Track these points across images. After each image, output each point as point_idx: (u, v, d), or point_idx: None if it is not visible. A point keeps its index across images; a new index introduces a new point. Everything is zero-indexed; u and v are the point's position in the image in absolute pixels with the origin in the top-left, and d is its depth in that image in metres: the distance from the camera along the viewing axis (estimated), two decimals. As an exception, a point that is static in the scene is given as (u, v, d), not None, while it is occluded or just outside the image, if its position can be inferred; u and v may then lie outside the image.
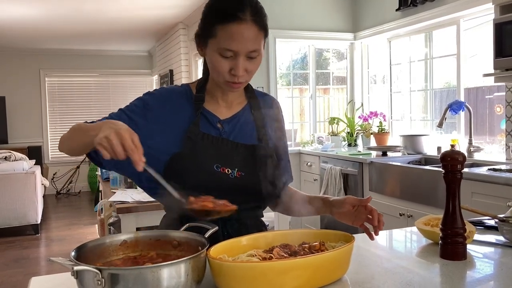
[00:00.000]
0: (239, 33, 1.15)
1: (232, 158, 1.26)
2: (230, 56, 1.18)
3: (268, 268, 0.94)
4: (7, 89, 7.98)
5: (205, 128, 1.28)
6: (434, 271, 1.14)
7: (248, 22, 1.16)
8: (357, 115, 4.91)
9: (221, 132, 1.29)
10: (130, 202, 2.53)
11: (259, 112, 1.35)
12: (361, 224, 1.26)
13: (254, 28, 1.17)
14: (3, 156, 5.74)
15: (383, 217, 1.24)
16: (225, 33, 1.16)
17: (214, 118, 1.30)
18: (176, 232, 1.09)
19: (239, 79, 1.20)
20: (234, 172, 1.25)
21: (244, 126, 1.32)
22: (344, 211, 1.27)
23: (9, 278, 3.95)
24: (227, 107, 1.33)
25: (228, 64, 1.19)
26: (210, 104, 1.31)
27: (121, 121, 1.12)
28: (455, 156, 1.15)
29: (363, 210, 1.25)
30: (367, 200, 1.24)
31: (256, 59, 1.21)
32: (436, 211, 2.84)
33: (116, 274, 0.84)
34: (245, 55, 1.18)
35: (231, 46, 1.16)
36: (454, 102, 3.48)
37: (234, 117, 1.32)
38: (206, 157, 1.24)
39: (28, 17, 5.69)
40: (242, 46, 1.16)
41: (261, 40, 1.21)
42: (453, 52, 3.95)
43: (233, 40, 1.15)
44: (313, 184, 4.43)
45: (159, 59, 7.67)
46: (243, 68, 1.19)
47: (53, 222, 6.16)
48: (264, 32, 1.21)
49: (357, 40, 5.02)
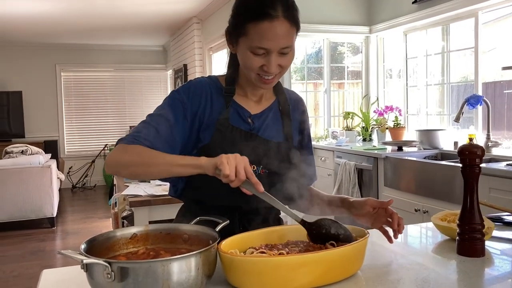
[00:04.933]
0: (271, 31, 1.13)
1: (259, 154, 1.24)
2: (263, 53, 1.16)
3: (280, 263, 0.92)
4: (24, 83, 8.08)
5: (236, 121, 1.26)
6: (451, 267, 1.11)
7: (280, 18, 1.13)
8: (372, 109, 4.85)
9: (252, 127, 1.28)
10: (143, 195, 2.54)
11: (287, 109, 1.34)
12: (380, 226, 1.23)
13: (286, 24, 1.14)
14: (20, 150, 5.81)
15: (399, 214, 1.21)
16: (257, 32, 1.13)
17: (246, 112, 1.29)
18: (186, 226, 1.08)
19: (271, 75, 1.19)
20: (259, 169, 1.24)
21: (272, 122, 1.31)
22: (364, 213, 1.25)
23: (25, 270, 4.00)
24: (257, 102, 1.31)
25: (260, 61, 1.17)
26: (240, 98, 1.30)
27: (164, 128, 1.17)
28: (474, 149, 1.12)
29: (383, 213, 1.22)
30: (389, 203, 1.22)
31: (288, 55, 1.19)
32: (452, 206, 2.79)
33: (126, 268, 0.84)
34: (277, 51, 1.16)
35: (263, 44, 1.14)
36: (472, 96, 3.41)
37: (263, 113, 1.31)
38: (234, 151, 1.22)
39: (44, 12, 5.73)
40: (275, 44, 1.14)
41: (294, 36, 1.18)
42: (470, 45, 3.88)
43: (266, 38, 1.13)
44: (327, 179, 4.39)
45: (173, 53, 7.68)
46: (275, 64, 1.17)
47: (68, 215, 6.23)
48: (296, 27, 1.18)
49: (372, 34, 4.95)
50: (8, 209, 5.22)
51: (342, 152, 4.16)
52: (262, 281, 0.92)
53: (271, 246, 1.03)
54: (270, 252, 0.99)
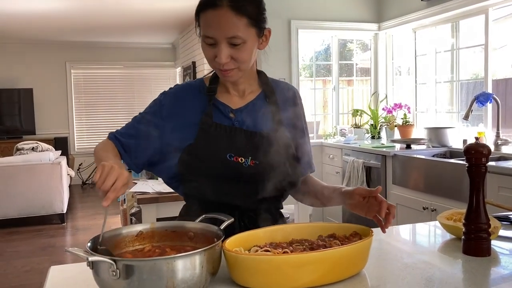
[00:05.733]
0: (214, 20, 1.16)
1: (245, 147, 1.25)
2: (212, 43, 1.18)
3: (284, 261, 0.93)
4: (35, 81, 8.15)
5: (218, 118, 1.28)
6: (457, 267, 1.11)
7: (224, 7, 1.15)
8: (381, 107, 4.83)
9: (233, 121, 1.29)
10: (151, 193, 2.55)
11: (274, 100, 1.33)
12: (373, 215, 1.21)
13: (230, 13, 1.15)
14: (31, 146, 5.87)
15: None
16: (204, 20, 1.18)
17: (226, 108, 1.30)
18: (192, 224, 1.08)
19: (224, 66, 1.19)
20: (247, 161, 1.24)
21: (258, 114, 1.31)
22: (355, 203, 1.22)
23: (36, 265, 4.05)
24: (240, 97, 1.32)
25: (212, 51, 1.19)
26: (223, 95, 1.32)
27: (143, 124, 1.29)
28: (480, 149, 1.11)
29: (374, 201, 1.18)
30: (376, 190, 1.17)
31: (241, 47, 1.18)
32: (461, 205, 2.77)
33: (131, 265, 0.84)
34: (225, 42, 1.16)
35: (208, 32, 1.17)
36: (481, 94, 3.38)
37: (247, 106, 1.31)
38: (218, 147, 1.25)
39: (54, 10, 5.77)
40: (219, 32, 1.16)
41: (243, 27, 1.16)
42: (480, 42, 3.84)
43: (209, 26, 1.17)
44: (335, 177, 4.39)
45: (182, 51, 7.70)
46: (225, 55, 1.17)
47: (78, 211, 6.28)
48: (246, 18, 1.17)
49: (381, 31, 4.92)
50: (19, 205, 5.28)
51: (351, 149, 4.15)
52: (266, 279, 0.93)
53: (275, 245, 1.03)
54: (275, 250, 0.99)
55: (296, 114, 1.38)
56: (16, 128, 7.98)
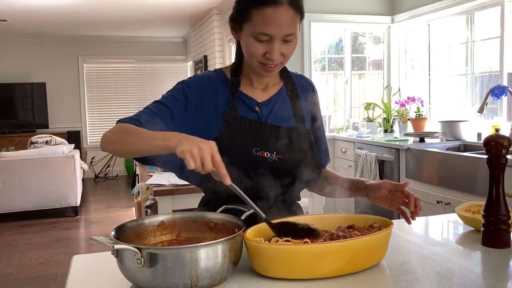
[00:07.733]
0: (275, 17, 1.13)
1: (271, 141, 1.24)
2: (266, 40, 1.16)
3: (304, 251, 0.93)
4: (48, 75, 8.22)
5: (243, 111, 1.27)
6: (476, 258, 1.11)
7: (284, 5, 1.13)
8: (394, 100, 4.80)
9: (260, 115, 1.28)
10: (167, 185, 2.57)
11: (296, 93, 1.34)
12: (398, 207, 1.24)
13: (291, 11, 1.14)
14: (44, 140, 5.93)
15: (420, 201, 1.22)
16: (261, 17, 1.13)
17: (252, 101, 1.29)
18: (212, 214, 1.10)
19: (274, 62, 1.19)
20: (272, 156, 1.24)
21: (281, 108, 1.31)
22: (380, 196, 1.26)
23: (51, 257, 4.10)
24: (263, 90, 1.32)
25: (263, 48, 1.17)
26: (246, 87, 1.30)
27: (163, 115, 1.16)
28: (500, 140, 1.11)
29: (400, 195, 1.24)
30: (404, 185, 1.22)
31: (291, 42, 1.19)
32: (475, 198, 2.76)
33: (155, 254, 0.86)
34: (280, 39, 1.16)
35: (267, 30, 1.14)
36: (496, 87, 3.35)
37: (271, 100, 1.31)
38: (245, 141, 1.23)
39: (67, 4, 5.81)
40: (278, 30, 1.14)
41: (297, 23, 1.18)
42: (496, 35, 3.80)
43: (269, 24, 1.13)
44: (348, 171, 4.38)
45: (193, 45, 7.71)
46: (278, 52, 1.17)
47: (91, 204, 6.35)
48: (300, 15, 1.18)
49: (394, 24, 4.89)
50: (33, 198, 5.35)
51: (363, 143, 4.14)
52: (287, 269, 0.94)
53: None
54: (295, 240, 1.00)
55: (316, 107, 1.40)
56: (30, 122, 8.06)
